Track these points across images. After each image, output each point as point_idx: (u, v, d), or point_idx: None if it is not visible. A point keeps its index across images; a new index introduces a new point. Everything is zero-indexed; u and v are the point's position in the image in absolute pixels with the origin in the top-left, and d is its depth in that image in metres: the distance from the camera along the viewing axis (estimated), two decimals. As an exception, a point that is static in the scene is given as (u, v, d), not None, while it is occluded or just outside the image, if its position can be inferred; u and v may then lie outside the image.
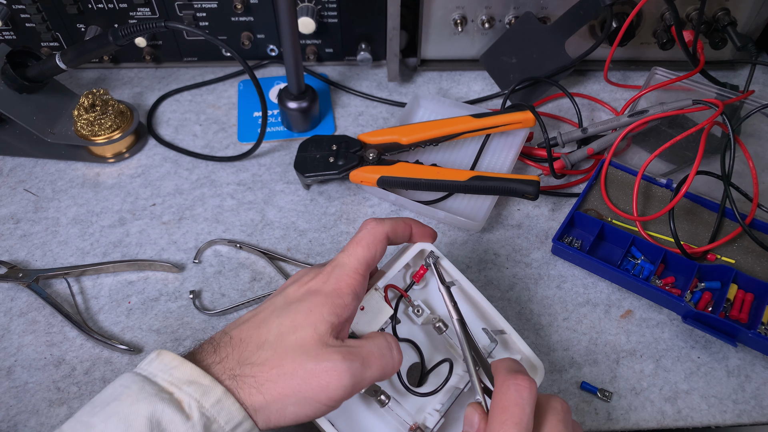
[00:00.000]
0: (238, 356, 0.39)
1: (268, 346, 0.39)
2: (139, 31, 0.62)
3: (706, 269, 0.59)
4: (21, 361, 0.56)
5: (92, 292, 0.61)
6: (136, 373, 0.39)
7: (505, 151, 0.69)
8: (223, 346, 0.40)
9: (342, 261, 0.43)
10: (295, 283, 0.43)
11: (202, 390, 0.37)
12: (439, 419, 0.47)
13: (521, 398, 0.37)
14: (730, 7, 0.73)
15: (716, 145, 0.67)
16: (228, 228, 0.66)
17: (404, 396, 0.48)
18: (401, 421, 0.46)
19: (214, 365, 0.39)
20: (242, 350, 0.39)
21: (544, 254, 0.63)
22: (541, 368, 0.50)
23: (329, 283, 0.42)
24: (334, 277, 0.42)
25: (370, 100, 0.79)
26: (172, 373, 0.38)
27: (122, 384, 0.38)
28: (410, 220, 0.48)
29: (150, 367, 0.39)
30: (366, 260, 0.43)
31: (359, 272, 0.42)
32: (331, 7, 0.74)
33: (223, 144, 0.74)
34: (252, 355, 0.39)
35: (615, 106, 0.77)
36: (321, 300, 0.40)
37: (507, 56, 0.76)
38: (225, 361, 0.39)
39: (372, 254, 0.44)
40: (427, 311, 0.50)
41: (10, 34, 0.76)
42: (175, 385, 0.37)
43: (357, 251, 0.43)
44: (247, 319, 0.42)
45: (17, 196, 0.68)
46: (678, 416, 0.53)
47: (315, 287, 0.42)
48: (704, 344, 0.57)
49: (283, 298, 0.42)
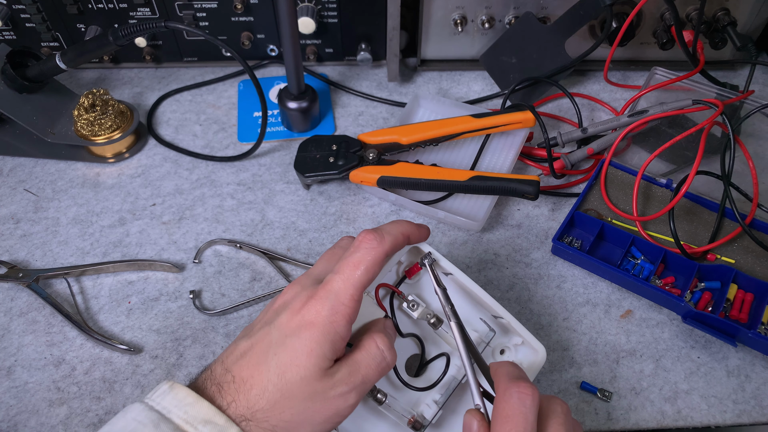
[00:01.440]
0: (245, 401, 0.38)
1: (273, 388, 0.39)
2: (139, 31, 0.62)
3: (706, 269, 0.59)
4: (21, 361, 0.56)
5: (92, 292, 0.61)
6: (150, 408, 0.38)
7: (505, 151, 0.69)
8: (226, 388, 0.39)
9: (337, 288, 0.40)
10: (287, 310, 0.41)
11: (218, 430, 0.37)
12: (437, 411, 0.47)
13: (524, 406, 0.37)
14: (730, 7, 0.73)
15: (716, 145, 0.67)
16: (228, 228, 0.66)
17: (401, 390, 0.48)
18: (399, 416, 0.47)
19: (224, 409, 0.38)
20: (247, 394, 0.39)
21: (544, 254, 0.63)
22: (542, 351, 0.49)
23: (323, 314, 0.40)
24: (329, 308, 0.40)
25: (370, 100, 0.79)
26: (187, 410, 0.37)
27: (135, 418, 0.37)
28: (407, 228, 0.45)
29: (163, 401, 0.38)
30: (362, 285, 0.41)
31: (354, 299, 0.41)
32: (331, 7, 0.74)
33: (223, 144, 0.74)
34: (259, 399, 0.38)
35: (615, 106, 0.77)
36: (318, 336, 0.39)
37: (507, 56, 0.76)
38: (234, 405, 0.38)
39: (369, 278, 0.41)
40: (422, 305, 0.49)
41: (10, 34, 0.76)
42: (190, 423, 0.37)
43: (354, 276, 0.41)
44: (244, 352, 0.41)
45: (17, 196, 0.68)
46: (678, 416, 0.53)
47: (309, 319, 0.40)
48: (704, 344, 0.57)
49: (277, 330, 0.40)
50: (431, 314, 0.49)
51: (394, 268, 0.50)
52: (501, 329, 0.51)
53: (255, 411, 0.38)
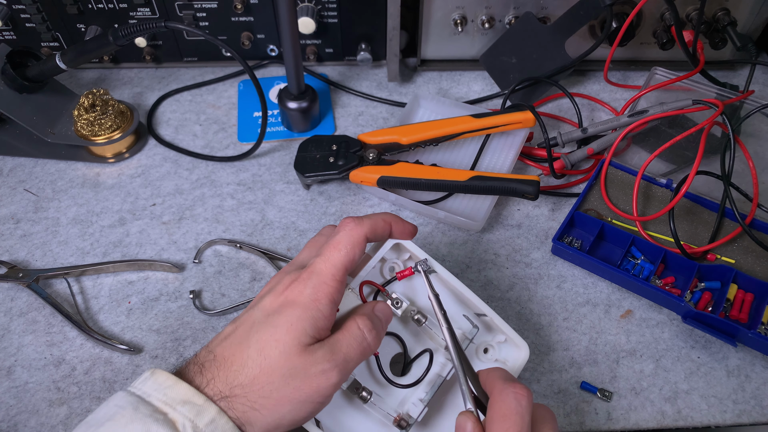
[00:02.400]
0: (225, 377, 0.39)
1: (252, 363, 0.39)
2: (139, 31, 0.62)
3: (706, 269, 0.59)
4: (21, 361, 0.56)
5: (92, 292, 0.61)
6: (130, 393, 0.39)
7: (505, 151, 0.69)
8: (208, 366, 0.40)
9: (319, 268, 0.42)
10: (271, 293, 0.42)
11: (197, 410, 0.37)
12: (423, 409, 0.47)
13: (521, 406, 0.37)
14: (730, 7, 0.73)
15: (716, 145, 0.67)
16: (228, 228, 0.66)
17: (387, 388, 0.48)
18: (385, 414, 0.47)
19: (203, 387, 0.39)
20: (227, 370, 0.39)
21: (544, 254, 0.63)
22: (525, 348, 0.50)
23: (306, 293, 0.41)
24: (311, 286, 0.41)
25: (370, 100, 0.79)
26: (167, 392, 0.38)
27: (116, 404, 0.38)
28: (390, 217, 0.47)
29: (144, 386, 0.39)
30: (344, 265, 0.42)
31: (336, 279, 0.42)
32: (331, 7, 0.74)
33: (223, 144, 0.74)
34: (238, 374, 0.39)
35: (615, 106, 0.77)
36: (299, 313, 0.40)
37: (507, 56, 0.76)
38: (213, 382, 0.39)
39: (350, 258, 0.43)
40: (406, 302, 0.49)
41: (10, 34, 0.76)
42: (169, 405, 0.37)
43: (334, 256, 0.42)
44: (228, 334, 0.42)
45: (17, 196, 0.68)
46: (678, 416, 0.53)
47: (292, 298, 0.41)
48: (704, 344, 0.57)
49: (260, 311, 0.42)
50: (415, 311, 0.49)
51: (378, 266, 0.50)
52: (484, 326, 0.52)
53: (234, 386, 0.39)
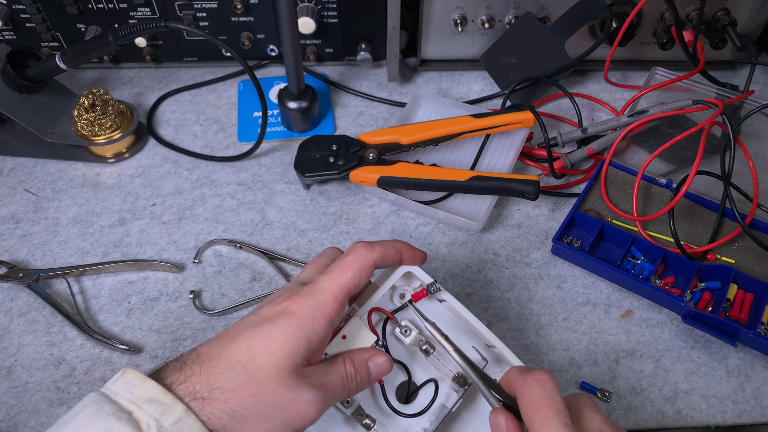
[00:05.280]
0: (207, 378, 0.38)
1: (240, 369, 0.38)
2: (139, 31, 0.62)
3: (706, 269, 0.59)
4: (21, 361, 0.56)
5: (92, 292, 0.61)
6: (100, 392, 0.38)
7: (505, 151, 0.69)
8: (189, 364, 0.39)
9: (322, 286, 0.41)
10: (269, 304, 0.42)
11: (162, 409, 0.36)
12: None
13: (547, 389, 0.37)
14: (730, 7, 0.72)
15: (716, 145, 0.67)
16: (228, 228, 0.66)
17: (390, 417, 0.47)
18: None
19: (178, 384, 0.38)
20: (210, 371, 0.38)
21: (544, 254, 0.63)
22: None
23: (305, 308, 0.40)
24: (311, 303, 0.40)
25: (370, 100, 0.79)
26: (133, 391, 0.37)
27: (84, 403, 0.37)
28: (400, 245, 0.46)
29: (114, 385, 0.38)
30: (348, 288, 0.42)
31: (338, 300, 0.41)
32: (331, 7, 0.74)
33: (223, 144, 0.74)
34: (222, 377, 0.38)
35: (615, 106, 0.77)
36: (294, 329, 0.39)
37: (507, 56, 0.76)
38: (190, 380, 0.38)
39: (356, 283, 0.42)
40: (415, 331, 0.48)
41: (10, 34, 0.76)
42: (134, 403, 0.37)
43: (340, 277, 0.42)
44: (217, 336, 0.41)
45: (17, 196, 0.68)
46: (678, 416, 0.53)
47: (289, 309, 0.40)
48: (704, 344, 0.57)
49: (255, 317, 0.41)
50: (423, 340, 0.48)
51: (388, 293, 0.49)
52: (494, 358, 0.50)
53: (214, 388, 0.37)
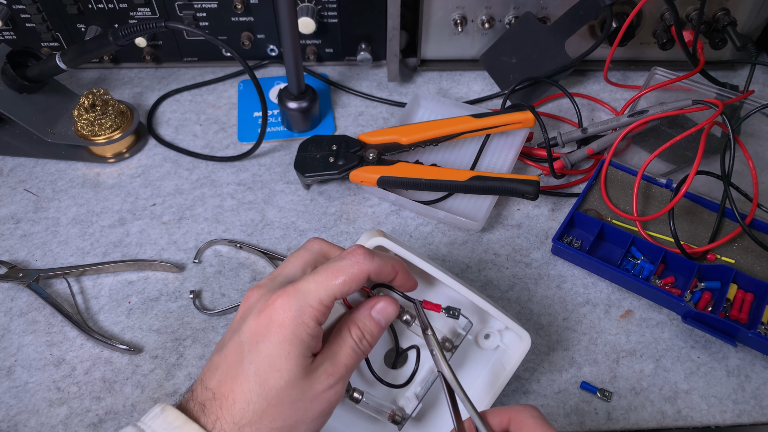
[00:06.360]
0: (230, 418, 0.38)
1: (257, 398, 0.38)
2: (139, 31, 0.62)
3: (706, 269, 0.59)
4: (21, 361, 0.56)
5: (92, 292, 0.61)
6: (140, 430, 0.38)
7: (505, 151, 0.69)
8: (209, 406, 0.38)
9: (308, 288, 0.39)
10: (251, 315, 0.40)
11: None
12: (417, 404, 0.47)
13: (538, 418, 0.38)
14: (730, 7, 0.72)
15: (716, 145, 0.67)
16: (228, 228, 0.66)
17: (378, 386, 0.48)
18: (378, 411, 0.47)
19: (210, 428, 0.38)
20: (231, 409, 0.38)
21: (544, 254, 0.63)
22: (527, 338, 0.48)
23: (291, 314, 0.38)
24: (296, 308, 0.39)
25: (370, 100, 0.79)
26: None
27: None
28: (399, 266, 0.43)
29: (153, 423, 0.38)
30: (335, 295, 0.40)
31: (324, 303, 0.39)
32: (331, 7, 0.74)
33: (223, 144, 0.74)
34: (245, 413, 0.38)
35: (615, 106, 0.77)
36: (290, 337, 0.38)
37: (507, 56, 0.76)
38: (219, 423, 0.38)
39: (345, 291, 0.40)
40: None
41: (10, 34, 0.76)
42: None
43: (330, 283, 0.39)
44: (218, 366, 0.40)
45: (17, 196, 0.68)
46: (678, 416, 0.53)
47: (278, 320, 0.38)
48: (704, 344, 0.57)
49: (246, 337, 0.39)
50: (403, 310, 0.48)
51: None
52: (480, 318, 0.51)
53: (242, 426, 0.37)
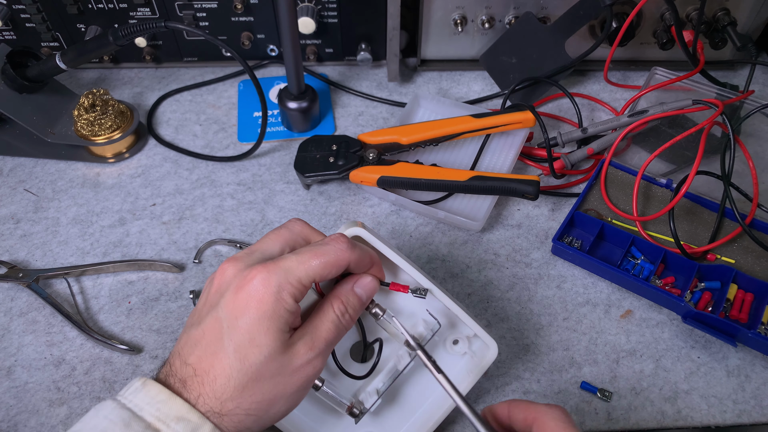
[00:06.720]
0: (212, 393, 0.38)
1: (238, 374, 0.38)
2: (139, 31, 0.62)
3: (706, 269, 0.59)
4: (21, 361, 0.56)
5: (92, 292, 0.61)
6: (122, 406, 0.37)
7: (505, 151, 0.69)
8: (190, 382, 0.38)
9: (290, 266, 0.39)
10: (230, 290, 0.39)
11: (191, 427, 0.36)
12: (377, 399, 0.47)
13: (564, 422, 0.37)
14: (730, 7, 0.72)
15: (716, 145, 0.67)
16: (228, 228, 0.66)
17: (340, 377, 0.49)
18: (338, 402, 0.47)
19: (194, 401, 0.38)
20: (213, 385, 0.38)
21: (544, 254, 0.63)
22: (494, 347, 0.48)
23: (271, 289, 0.38)
24: (276, 283, 0.38)
25: (370, 100, 0.79)
26: (160, 408, 0.37)
27: (107, 417, 0.37)
28: (376, 260, 0.45)
29: (135, 398, 0.38)
30: (314, 276, 0.40)
31: (302, 283, 0.39)
32: (331, 7, 0.74)
33: (223, 144, 0.74)
34: (226, 388, 0.38)
35: (615, 106, 0.77)
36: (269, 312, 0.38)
37: (507, 56, 0.76)
38: (202, 399, 0.38)
39: (325, 274, 0.40)
40: None
41: (10, 34, 0.76)
42: (162, 421, 0.36)
43: (312, 263, 0.40)
44: (197, 342, 0.39)
45: (17, 196, 0.68)
46: (678, 416, 0.53)
47: (257, 296, 0.38)
48: (704, 344, 0.57)
49: (225, 312, 0.39)
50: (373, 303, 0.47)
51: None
52: (449, 322, 0.51)
53: (224, 401, 0.38)
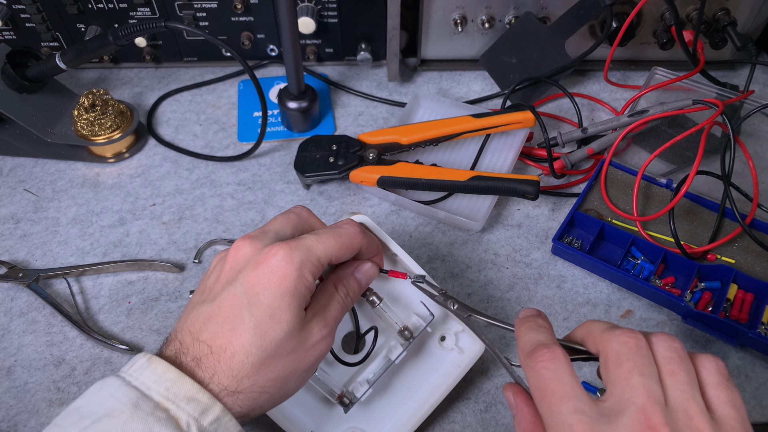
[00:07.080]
0: (229, 371, 0.37)
1: (257, 351, 0.37)
2: (139, 31, 0.62)
3: (706, 269, 0.59)
4: (21, 361, 0.56)
5: (92, 292, 0.61)
6: (128, 383, 0.36)
7: (505, 151, 0.69)
8: (205, 360, 0.37)
9: (310, 245, 0.40)
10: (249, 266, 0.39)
11: (201, 408, 0.36)
12: (368, 389, 0.48)
13: (631, 347, 0.34)
14: (730, 7, 0.72)
15: (716, 145, 0.67)
16: (228, 228, 0.66)
17: (333, 366, 0.49)
18: (329, 390, 0.47)
19: (207, 382, 0.37)
20: (230, 362, 0.37)
21: (544, 254, 0.63)
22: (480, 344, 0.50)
23: (294, 266, 0.38)
24: (299, 260, 0.39)
25: (370, 100, 0.79)
26: (169, 387, 0.36)
27: (112, 395, 0.36)
28: (379, 249, 0.47)
29: (142, 376, 0.37)
30: (331, 258, 0.41)
31: (321, 263, 0.40)
32: (331, 7, 0.74)
33: (223, 144, 0.74)
34: (243, 365, 0.37)
35: (615, 106, 0.77)
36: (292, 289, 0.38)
37: (507, 56, 0.76)
38: (216, 377, 0.37)
39: (339, 256, 0.42)
40: None
41: (10, 34, 0.76)
42: (171, 401, 0.36)
43: (330, 244, 0.41)
44: (210, 317, 0.38)
45: (17, 196, 0.68)
46: (678, 416, 0.53)
47: (280, 272, 0.38)
48: (704, 344, 0.57)
49: (247, 287, 0.38)
50: (371, 291, 0.48)
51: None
52: (442, 318, 0.52)
53: (241, 378, 0.37)
